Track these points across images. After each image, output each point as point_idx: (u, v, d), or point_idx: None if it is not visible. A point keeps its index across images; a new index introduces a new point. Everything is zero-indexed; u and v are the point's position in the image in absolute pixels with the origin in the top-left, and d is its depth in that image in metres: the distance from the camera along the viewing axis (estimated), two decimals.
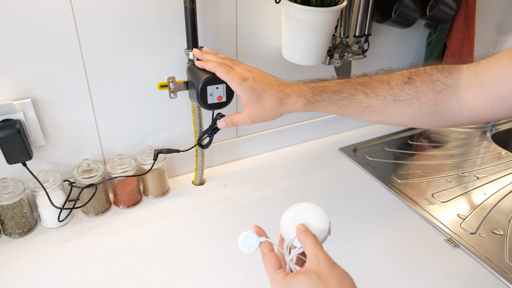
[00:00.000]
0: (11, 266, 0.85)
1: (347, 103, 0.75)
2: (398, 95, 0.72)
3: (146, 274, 0.84)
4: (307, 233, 0.60)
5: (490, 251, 0.92)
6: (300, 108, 0.77)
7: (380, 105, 0.74)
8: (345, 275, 0.56)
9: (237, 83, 0.76)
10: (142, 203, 1.04)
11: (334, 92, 0.75)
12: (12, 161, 0.86)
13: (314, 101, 0.76)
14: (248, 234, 0.63)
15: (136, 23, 0.89)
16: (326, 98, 0.75)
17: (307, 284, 0.55)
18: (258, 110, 0.77)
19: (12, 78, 0.84)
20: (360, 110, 0.75)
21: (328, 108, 0.76)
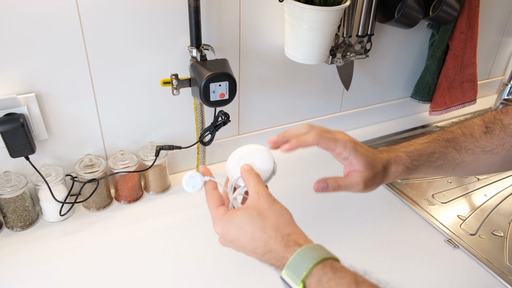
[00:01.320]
0: (12, 259, 0.86)
1: (441, 163, 0.73)
2: (485, 147, 0.72)
3: (146, 269, 0.85)
4: (251, 172, 0.63)
5: (490, 253, 0.92)
6: (399, 176, 0.71)
7: (470, 159, 0.73)
8: (283, 210, 0.59)
9: (352, 147, 0.66)
10: (143, 199, 1.05)
11: (429, 154, 0.72)
12: (15, 154, 0.87)
13: (412, 167, 0.71)
14: (192, 174, 0.65)
15: (140, 19, 0.90)
16: (423, 162, 0.72)
17: (246, 219, 0.57)
18: (371, 179, 0.67)
19: (17, 72, 0.84)
20: (452, 167, 0.73)
21: (423, 171, 0.73)
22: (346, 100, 1.32)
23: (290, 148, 0.65)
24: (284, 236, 0.56)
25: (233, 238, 0.59)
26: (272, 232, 0.56)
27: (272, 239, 0.56)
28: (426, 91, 1.33)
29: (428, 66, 1.30)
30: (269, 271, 0.84)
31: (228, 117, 1.00)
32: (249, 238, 0.57)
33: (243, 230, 0.58)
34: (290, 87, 1.18)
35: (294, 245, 0.54)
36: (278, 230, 0.56)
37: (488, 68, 1.61)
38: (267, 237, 0.56)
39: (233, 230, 0.58)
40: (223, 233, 0.60)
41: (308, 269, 0.51)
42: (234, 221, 0.58)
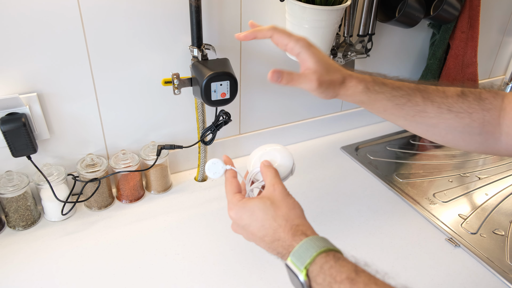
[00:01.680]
0: (14, 258, 0.86)
1: (403, 102, 0.70)
2: (452, 106, 0.69)
3: (148, 269, 0.85)
4: (269, 167, 0.67)
5: (491, 251, 0.92)
6: (357, 95, 0.70)
7: (433, 112, 0.70)
8: (296, 204, 0.62)
9: (305, 44, 0.68)
10: (144, 198, 1.05)
11: (394, 87, 0.70)
12: (17, 154, 0.87)
13: (373, 90, 0.69)
14: (215, 161, 0.69)
15: (142, 19, 0.90)
16: (385, 91, 0.70)
17: (259, 207, 0.61)
18: (325, 77, 0.67)
19: (19, 72, 0.84)
20: (412, 113, 0.70)
21: (383, 103, 0.70)
22: None
23: (245, 35, 0.68)
24: (293, 226, 0.58)
25: (245, 224, 0.62)
26: (282, 221, 0.59)
27: (281, 227, 0.59)
28: None
29: (429, 65, 1.30)
30: (270, 270, 0.85)
31: (229, 117, 1.00)
32: (260, 225, 0.60)
33: (255, 217, 0.60)
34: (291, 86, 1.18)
35: (301, 235, 0.57)
36: (288, 221, 0.59)
37: (489, 68, 1.61)
38: (276, 226, 0.59)
39: (246, 216, 0.61)
40: (236, 218, 0.63)
41: (312, 257, 0.54)
42: (248, 207, 0.61)
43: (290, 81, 0.68)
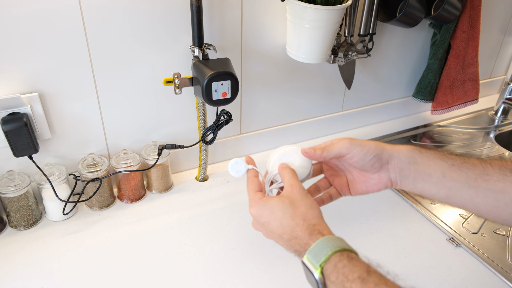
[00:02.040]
0: (16, 258, 0.86)
1: (459, 162, 0.65)
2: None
3: (149, 268, 0.85)
4: (287, 168, 0.68)
5: (492, 251, 0.92)
6: (406, 151, 0.67)
7: (496, 174, 0.63)
8: (314, 204, 0.63)
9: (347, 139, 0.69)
10: (145, 198, 1.05)
11: (442, 153, 0.67)
12: (18, 154, 0.87)
13: (422, 150, 0.67)
14: (237, 160, 0.71)
15: (143, 19, 0.90)
16: (436, 152, 0.67)
17: (279, 205, 0.62)
18: (358, 140, 0.68)
19: (20, 72, 0.85)
20: (474, 177, 0.63)
21: (437, 163, 0.65)
22: (348, 100, 1.32)
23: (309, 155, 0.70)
24: (310, 226, 0.60)
25: (265, 221, 0.63)
26: (300, 220, 0.61)
27: (299, 226, 0.60)
28: (428, 90, 1.33)
29: (430, 65, 1.30)
30: (271, 269, 0.85)
31: (230, 116, 1.01)
32: (278, 223, 0.62)
33: (275, 215, 0.62)
34: (292, 86, 1.18)
35: (317, 234, 0.59)
36: (306, 220, 0.61)
37: (490, 67, 1.61)
38: (294, 224, 0.60)
39: (266, 213, 0.63)
40: (257, 215, 0.64)
41: (327, 255, 0.55)
42: (268, 205, 0.63)
43: (323, 151, 0.69)
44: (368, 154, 0.67)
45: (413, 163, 0.67)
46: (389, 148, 0.68)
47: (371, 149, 0.67)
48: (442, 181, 0.65)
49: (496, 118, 1.50)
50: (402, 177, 0.68)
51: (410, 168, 0.67)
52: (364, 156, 0.67)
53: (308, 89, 1.22)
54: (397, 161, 0.67)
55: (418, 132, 1.40)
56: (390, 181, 0.69)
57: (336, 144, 0.68)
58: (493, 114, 1.51)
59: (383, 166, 0.68)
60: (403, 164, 0.67)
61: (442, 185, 0.65)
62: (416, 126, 1.43)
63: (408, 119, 1.46)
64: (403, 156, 0.67)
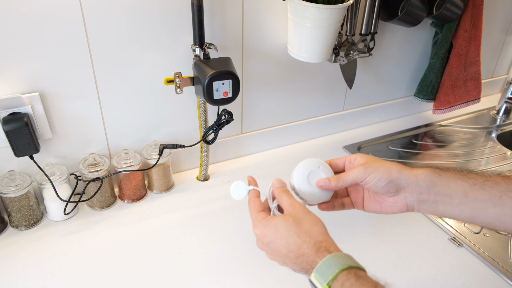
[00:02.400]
0: (17, 257, 0.86)
1: (481, 181, 0.63)
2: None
3: (150, 268, 0.85)
4: (283, 189, 0.67)
5: (494, 251, 0.92)
6: (425, 175, 0.65)
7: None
8: (318, 220, 0.62)
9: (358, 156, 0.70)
10: (146, 198, 1.05)
11: (462, 172, 0.65)
12: (19, 154, 0.87)
13: (441, 172, 0.65)
14: (238, 184, 0.72)
15: (144, 18, 0.90)
16: (454, 173, 0.65)
17: (283, 224, 0.61)
18: (374, 161, 0.67)
19: (21, 71, 0.85)
20: (498, 194, 0.61)
21: (458, 184, 0.64)
22: (349, 99, 1.32)
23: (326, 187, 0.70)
24: (316, 243, 0.59)
25: (270, 240, 0.62)
26: (306, 237, 0.60)
27: (305, 243, 0.59)
28: (429, 90, 1.33)
29: (432, 64, 1.30)
30: (272, 269, 0.85)
31: (232, 116, 1.00)
32: (284, 241, 0.61)
33: (280, 233, 0.61)
34: (293, 85, 1.18)
35: (324, 251, 0.58)
36: (311, 237, 0.60)
37: (492, 67, 1.60)
38: (301, 242, 0.59)
39: (271, 233, 0.62)
40: (261, 235, 0.63)
41: (334, 274, 0.55)
42: (271, 225, 0.62)
43: (338, 181, 0.68)
44: (382, 180, 0.66)
45: (432, 187, 0.65)
46: (406, 173, 0.66)
47: (385, 174, 0.65)
48: (465, 201, 0.63)
49: (498, 117, 1.49)
50: (421, 201, 0.66)
51: (429, 192, 0.65)
52: (377, 182, 0.66)
53: (309, 89, 1.22)
54: (415, 186, 0.66)
55: (420, 132, 1.40)
56: (406, 206, 0.67)
57: (351, 174, 0.67)
58: (495, 113, 1.51)
59: (400, 191, 0.67)
60: (422, 188, 0.65)
61: (465, 206, 0.63)
62: (417, 126, 1.42)
63: (409, 119, 1.46)
64: (421, 180, 0.65)
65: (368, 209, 0.72)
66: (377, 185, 0.66)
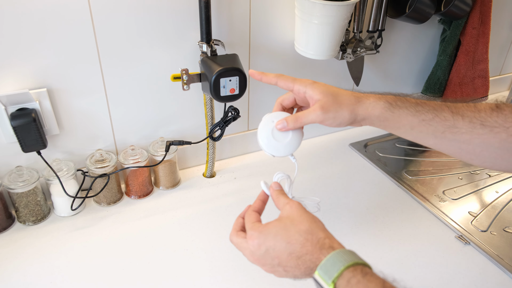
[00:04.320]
0: (24, 253, 0.87)
1: (430, 117, 0.66)
2: (485, 120, 0.64)
3: (157, 264, 0.85)
4: (279, 191, 0.67)
5: (502, 249, 0.91)
6: (378, 111, 0.67)
7: (465, 127, 0.65)
8: (315, 218, 0.61)
9: (309, 82, 0.70)
10: (153, 194, 1.05)
11: (417, 103, 0.67)
12: (27, 149, 0.87)
13: (395, 106, 0.67)
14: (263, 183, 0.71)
15: (151, 14, 0.90)
16: (408, 106, 0.67)
17: (281, 226, 0.60)
18: (332, 103, 0.67)
19: (28, 67, 0.85)
20: (442, 129, 0.66)
21: (408, 120, 0.67)
22: None
23: (252, 74, 0.73)
24: (320, 239, 0.58)
25: (269, 246, 0.60)
26: (308, 235, 0.59)
27: (308, 241, 0.58)
28: (437, 87, 1.32)
29: (439, 61, 1.29)
30: None
31: (238, 113, 1.00)
32: (285, 242, 0.59)
33: (280, 236, 0.59)
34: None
35: (328, 248, 0.57)
36: (313, 234, 0.59)
37: (500, 64, 1.59)
38: (303, 240, 0.58)
39: (270, 238, 0.60)
40: (259, 243, 0.61)
41: (340, 271, 0.53)
42: (270, 229, 0.60)
43: (295, 121, 0.69)
44: (342, 124, 0.68)
45: (383, 120, 0.68)
46: (362, 113, 0.68)
47: (345, 120, 0.68)
48: (410, 132, 0.68)
49: None
50: (370, 125, 0.70)
51: (380, 124, 0.69)
52: (337, 125, 0.69)
53: None
54: (368, 120, 0.69)
55: None
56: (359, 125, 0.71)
57: (309, 116, 0.68)
58: None
59: (354, 123, 0.70)
60: (373, 121, 0.69)
61: (408, 134, 0.68)
62: None
63: None
64: (374, 117, 0.68)
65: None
66: (337, 127, 0.69)
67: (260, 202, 0.69)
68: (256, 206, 0.69)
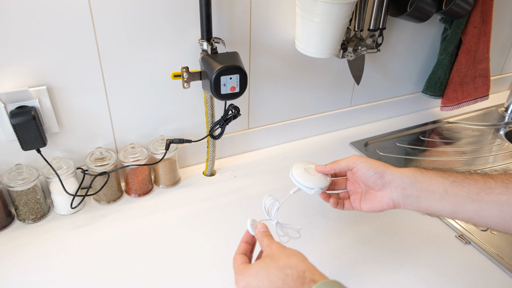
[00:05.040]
0: (24, 251, 0.87)
1: (460, 179, 0.68)
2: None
3: (157, 262, 0.85)
4: (264, 233, 0.69)
5: (502, 249, 0.91)
6: (407, 172, 0.72)
7: (498, 187, 0.65)
8: (294, 251, 0.63)
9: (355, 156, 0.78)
10: (153, 192, 1.05)
11: (444, 170, 0.71)
12: (27, 147, 0.87)
13: (423, 170, 0.71)
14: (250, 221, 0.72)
15: (151, 12, 0.89)
16: (436, 172, 0.71)
17: (261, 266, 0.62)
18: (364, 157, 0.76)
19: (28, 65, 0.85)
20: (475, 192, 0.66)
21: (439, 181, 0.69)
22: (357, 95, 1.31)
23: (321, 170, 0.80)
24: (300, 273, 0.58)
25: (254, 287, 0.61)
26: (287, 269, 0.59)
27: (289, 276, 0.59)
28: (437, 86, 1.32)
29: (440, 61, 1.29)
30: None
31: (239, 111, 1.00)
32: (267, 281, 0.60)
33: (260, 275, 0.61)
34: (300, 81, 1.18)
35: (309, 282, 0.57)
36: (292, 268, 0.59)
37: (501, 64, 1.59)
38: (283, 275, 0.59)
39: (252, 278, 0.61)
40: (245, 285, 0.62)
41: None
42: (251, 271, 0.62)
43: (333, 164, 0.79)
44: (371, 170, 0.73)
45: (415, 183, 0.70)
46: (391, 169, 0.73)
47: (374, 165, 0.73)
48: (445, 197, 0.68)
49: (507, 115, 1.48)
50: (405, 196, 0.71)
51: (413, 187, 0.70)
52: (367, 171, 0.73)
53: (316, 84, 1.21)
54: (399, 181, 0.71)
55: (427, 129, 1.39)
56: (392, 200, 0.73)
57: (344, 159, 0.77)
58: (503, 110, 1.50)
59: (386, 185, 0.73)
60: (405, 183, 0.71)
61: (445, 201, 0.68)
62: (425, 123, 1.41)
63: (417, 115, 1.45)
64: (405, 176, 0.71)
65: (364, 207, 0.77)
66: (366, 174, 0.73)
67: (244, 244, 0.71)
68: (241, 248, 0.70)
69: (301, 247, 0.89)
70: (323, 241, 0.92)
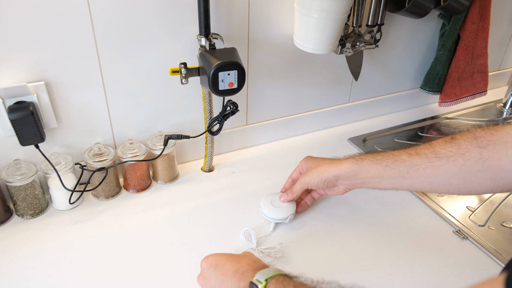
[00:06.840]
0: (22, 246, 0.87)
1: (390, 162, 0.78)
2: (439, 152, 0.73)
3: (155, 257, 0.85)
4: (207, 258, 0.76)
5: (499, 244, 0.92)
6: (346, 168, 0.83)
7: (423, 163, 0.74)
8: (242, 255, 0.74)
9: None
10: (151, 188, 1.05)
11: (377, 154, 0.82)
12: (25, 143, 0.87)
13: (359, 159, 0.82)
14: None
15: (149, 7, 0.89)
16: (370, 158, 0.81)
17: (235, 255, 0.73)
18: (311, 171, 0.89)
19: (26, 60, 0.84)
20: (405, 170, 0.77)
21: (373, 169, 0.80)
22: (355, 91, 1.31)
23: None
24: (261, 264, 0.71)
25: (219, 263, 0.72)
26: (255, 262, 0.71)
27: (256, 262, 0.72)
28: (436, 82, 1.32)
29: (439, 56, 1.29)
30: (275, 260, 0.85)
31: (237, 107, 1.00)
32: (235, 262, 0.71)
33: (232, 258, 0.73)
34: (298, 77, 1.18)
35: (263, 267, 0.68)
36: (258, 262, 0.72)
37: (499, 59, 1.59)
38: (252, 262, 0.71)
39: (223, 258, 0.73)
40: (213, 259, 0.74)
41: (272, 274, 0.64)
42: (223, 254, 0.75)
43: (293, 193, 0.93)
44: (321, 182, 0.87)
45: (355, 174, 0.83)
46: (334, 170, 0.85)
47: (321, 177, 0.87)
48: (383, 179, 0.80)
49: (505, 110, 1.48)
50: (354, 185, 0.86)
51: (356, 177, 0.83)
52: (318, 184, 0.88)
53: (315, 80, 1.21)
54: (343, 177, 0.85)
55: (426, 124, 1.39)
56: (345, 188, 0.87)
57: (297, 185, 0.91)
58: (501, 106, 1.50)
59: (336, 183, 0.87)
60: (349, 177, 0.84)
61: (384, 182, 0.80)
62: (423, 118, 1.42)
63: (415, 111, 1.45)
64: (346, 172, 0.84)
65: (328, 193, 0.93)
66: (318, 186, 0.88)
67: None
68: None
69: (299, 244, 0.90)
70: (320, 237, 0.92)
